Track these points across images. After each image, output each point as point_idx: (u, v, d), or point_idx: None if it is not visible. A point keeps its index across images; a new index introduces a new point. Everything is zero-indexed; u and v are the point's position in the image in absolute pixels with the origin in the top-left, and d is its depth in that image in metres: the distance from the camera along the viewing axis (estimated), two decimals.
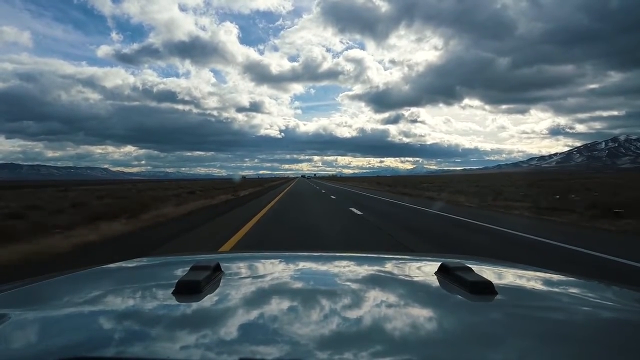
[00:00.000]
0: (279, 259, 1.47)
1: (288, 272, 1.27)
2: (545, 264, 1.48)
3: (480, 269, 1.15)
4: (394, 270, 1.28)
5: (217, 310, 0.82)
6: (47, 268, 5.41)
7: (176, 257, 1.67)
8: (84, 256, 5.98)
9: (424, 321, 0.79)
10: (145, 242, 7.42)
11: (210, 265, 1.04)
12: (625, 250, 6.51)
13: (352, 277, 1.18)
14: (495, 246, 7.17)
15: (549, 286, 1.12)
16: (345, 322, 0.76)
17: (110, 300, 0.96)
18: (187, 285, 0.89)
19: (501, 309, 0.87)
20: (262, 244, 6.98)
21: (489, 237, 8.21)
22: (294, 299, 0.91)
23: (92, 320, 0.80)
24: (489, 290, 0.89)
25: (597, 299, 1.02)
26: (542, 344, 0.67)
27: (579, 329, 0.78)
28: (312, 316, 0.80)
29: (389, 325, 0.75)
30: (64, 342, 0.70)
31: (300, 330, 0.71)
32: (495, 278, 1.09)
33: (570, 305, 0.94)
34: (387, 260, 1.47)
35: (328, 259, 1.48)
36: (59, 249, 6.30)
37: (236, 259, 1.52)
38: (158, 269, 1.40)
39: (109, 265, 1.34)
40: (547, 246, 7.07)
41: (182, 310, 0.83)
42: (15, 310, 0.81)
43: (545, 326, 0.77)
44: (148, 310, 0.86)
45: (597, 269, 5.37)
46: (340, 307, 0.84)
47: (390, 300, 0.94)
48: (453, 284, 0.96)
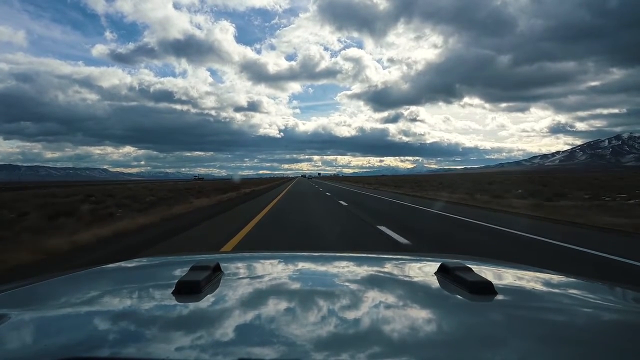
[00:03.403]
0: (278, 259, 1.46)
1: (288, 273, 1.26)
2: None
3: (480, 269, 1.14)
4: (393, 271, 1.28)
5: (217, 311, 0.82)
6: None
7: (176, 257, 1.67)
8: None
9: (424, 321, 0.79)
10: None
11: (210, 265, 1.04)
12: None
13: (352, 277, 1.18)
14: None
15: (549, 286, 1.11)
16: (346, 323, 0.76)
17: (110, 300, 0.95)
18: (187, 286, 0.89)
19: (501, 310, 0.87)
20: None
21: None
22: (294, 300, 0.91)
23: (92, 320, 0.80)
24: (489, 291, 0.88)
25: (597, 300, 1.01)
26: (542, 345, 0.67)
27: (579, 329, 0.78)
28: (312, 317, 0.79)
29: (388, 326, 0.75)
30: (64, 342, 0.70)
31: (301, 331, 0.71)
32: (495, 278, 1.09)
33: (571, 306, 0.93)
34: (386, 260, 1.47)
35: (328, 259, 1.47)
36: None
37: (236, 259, 1.52)
38: (158, 269, 1.39)
39: (109, 265, 1.34)
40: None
41: (182, 310, 0.83)
42: (16, 310, 0.81)
43: (545, 327, 0.76)
44: (148, 310, 0.86)
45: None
46: (341, 308, 0.84)
47: (390, 300, 0.94)
48: (453, 284, 0.96)
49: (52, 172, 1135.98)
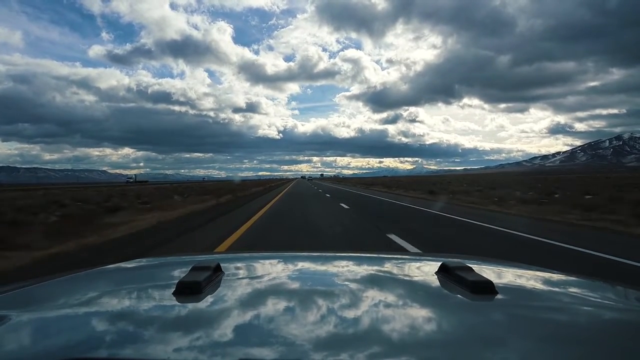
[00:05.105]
0: (279, 260, 1.46)
1: (288, 273, 1.27)
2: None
3: (480, 268, 1.14)
4: (394, 271, 1.28)
5: (217, 311, 0.82)
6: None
7: (176, 258, 1.68)
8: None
9: (425, 321, 0.79)
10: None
11: (211, 265, 1.04)
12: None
13: (353, 277, 1.18)
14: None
15: (550, 286, 1.11)
16: (346, 324, 0.76)
17: (110, 301, 0.95)
18: (187, 286, 0.89)
19: (502, 309, 0.87)
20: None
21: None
22: (295, 300, 0.91)
23: (92, 321, 0.80)
24: (489, 290, 0.88)
25: (598, 299, 1.01)
26: (543, 344, 0.67)
27: (580, 328, 0.78)
28: (312, 317, 0.79)
29: (389, 325, 0.75)
30: (64, 343, 0.70)
31: (302, 331, 0.71)
32: (496, 278, 1.08)
33: (572, 305, 0.93)
34: (387, 260, 1.47)
35: (329, 259, 1.47)
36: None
37: (236, 259, 1.52)
38: (158, 269, 1.39)
39: (109, 266, 1.34)
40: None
41: (183, 311, 0.83)
42: (16, 311, 0.81)
43: (546, 326, 0.76)
44: (148, 311, 0.86)
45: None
46: (341, 308, 0.84)
47: (390, 300, 0.94)
48: (453, 283, 0.96)
49: (50, 174, 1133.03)
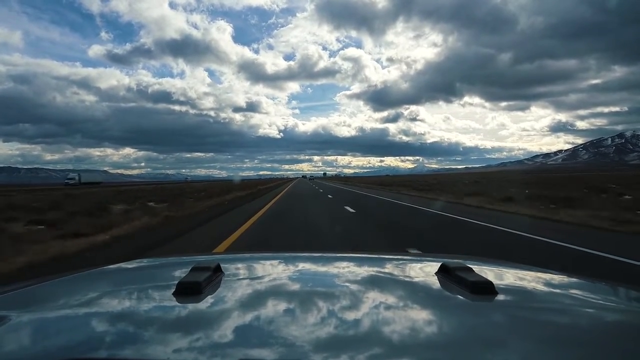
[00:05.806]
0: (279, 260, 1.45)
1: (289, 273, 1.26)
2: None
3: (481, 269, 1.13)
4: (394, 271, 1.27)
5: (217, 312, 0.82)
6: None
7: (176, 258, 1.67)
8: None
9: (425, 322, 0.79)
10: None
11: (211, 266, 1.03)
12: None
13: (353, 278, 1.17)
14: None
15: (551, 287, 1.10)
16: (346, 324, 0.75)
17: (110, 301, 0.95)
18: (187, 287, 0.88)
19: (502, 310, 0.87)
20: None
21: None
22: (295, 301, 0.91)
23: (92, 321, 0.80)
24: (490, 291, 0.88)
25: (599, 300, 1.00)
26: (544, 345, 0.67)
27: (581, 329, 0.78)
28: (312, 318, 0.79)
29: (389, 326, 0.74)
30: (65, 343, 0.70)
31: (302, 332, 0.71)
32: (496, 278, 1.08)
33: (572, 306, 0.93)
34: (387, 260, 1.46)
35: (329, 260, 1.47)
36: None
37: (236, 259, 1.51)
38: (158, 270, 1.39)
39: (109, 266, 1.34)
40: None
41: (183, 311, 0.83)
42: (16, 311, 0.81)
43: (546, 327, 0.76)
44: (148, 311, 0.86)
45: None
46: (341, 309, 0.83)
47: (391, 301, 0.93)
48: (454, 284, 0.95)
49: (52, 175, 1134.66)
